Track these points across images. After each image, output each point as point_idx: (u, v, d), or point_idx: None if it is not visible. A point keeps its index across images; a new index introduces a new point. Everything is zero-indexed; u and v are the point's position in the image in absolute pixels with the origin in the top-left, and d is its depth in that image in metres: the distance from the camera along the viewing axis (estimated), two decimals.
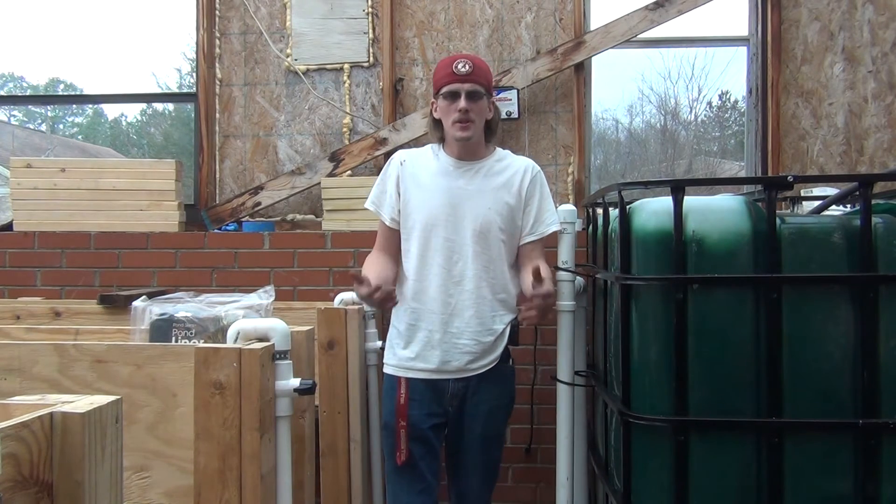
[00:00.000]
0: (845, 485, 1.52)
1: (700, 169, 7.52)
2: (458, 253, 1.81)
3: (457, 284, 1.81)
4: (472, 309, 1.81)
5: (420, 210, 1.84)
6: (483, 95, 1.83)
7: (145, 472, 1.50)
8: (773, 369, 1.52)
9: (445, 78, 1.81)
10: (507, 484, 2.78)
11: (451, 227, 1.82)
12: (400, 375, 1.83)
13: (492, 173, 1.88)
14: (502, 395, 1.89)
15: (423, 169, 1.88)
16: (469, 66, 1.79)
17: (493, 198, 1.84)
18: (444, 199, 1.83)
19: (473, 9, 3.18)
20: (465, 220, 1.82)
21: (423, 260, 1.83)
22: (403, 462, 1.80)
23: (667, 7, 3.01)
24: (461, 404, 1.83)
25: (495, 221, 1.83)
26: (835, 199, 1.87)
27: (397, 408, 1.82)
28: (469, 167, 1.87)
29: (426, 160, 1.90)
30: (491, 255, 1.83)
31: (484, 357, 1.83)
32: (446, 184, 1.85)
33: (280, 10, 3.24)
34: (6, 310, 2.37)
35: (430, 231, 1.82)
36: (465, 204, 1.83)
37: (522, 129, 3.16)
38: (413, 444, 1.81)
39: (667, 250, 1.55)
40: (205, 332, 1.88)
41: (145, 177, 2.99)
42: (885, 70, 3.03)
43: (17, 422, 0.70)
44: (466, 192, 1.84)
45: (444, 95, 1.82)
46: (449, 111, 1.82)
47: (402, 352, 1.84)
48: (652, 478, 1.58)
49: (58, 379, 1.52)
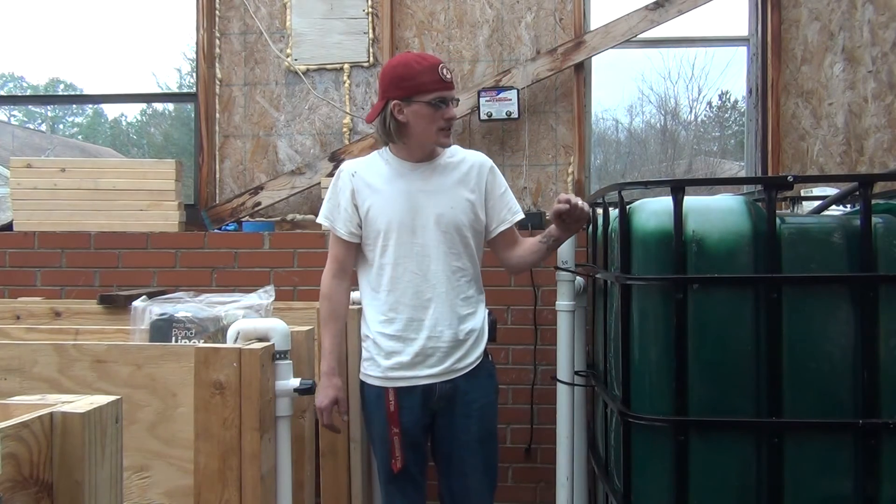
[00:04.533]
0: (845, 485, 1.51)
1: (700, 169, 7.52)
2: (427, 255, 1.79)
3: (432, 287, 1.79)
4: (449, 310, 1.79)
5: (382, 218, 1.81)
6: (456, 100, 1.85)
7: (145, 472, 1.50)
8: (773, 369, 1.52)
9: (433, 84, 1.76)
10: (507, 484, 2.78)
11: (416, 231, 1.79)
12: (387, 386, 1.81)
13: (447, 170, 1.85)
14: (491, 392, 1.88)
15: (376, 176, 1.85)
16: (450, 75, 1.79)
17: (454, 194, 1.82)
18: (404, 203, 1.80)
19: (473, 9, 3.18)
20: (429, 221, 1.79)
21: (393, 268, 1.80)
22: (399, 469, 1.79)
23: (667, 7, 3.01)
24: (450, 405, 1.81)
25: (460, 218, 1.81)
26: (835, 199, 1.87)
27: (388, 416, 1.79)
28: (423, 167, 1.84)
29: (377, 167, 1.87)
30: (460, 253, 1.82)
31: (468, 356, 1.82)
32: (404, 187, 1.82)
33: (280, 10, 3.24)
34: (6, 310, 2.37)
35: (396, 237, 1.79)
36: (427, 204, 1.80)
37: (522, 129, 3.16)
38: (406, 451, 1.80)
39: (667, 250, 1.55)
40: (205, 332, 1.88)
41: (145, 177, 2.99)
42: (885, 70, 3.03)
43: (17, 422, 0.70)
44: (425, 192, 1.81)
45: (431, 102, 1.76)
46: (434, 118, 1.77)
47: (385, 361, 1.80)
48: (652, 478, 1.58)
49: (58, 379, 1.52)
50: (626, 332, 1.62)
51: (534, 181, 3.16)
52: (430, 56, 1.83)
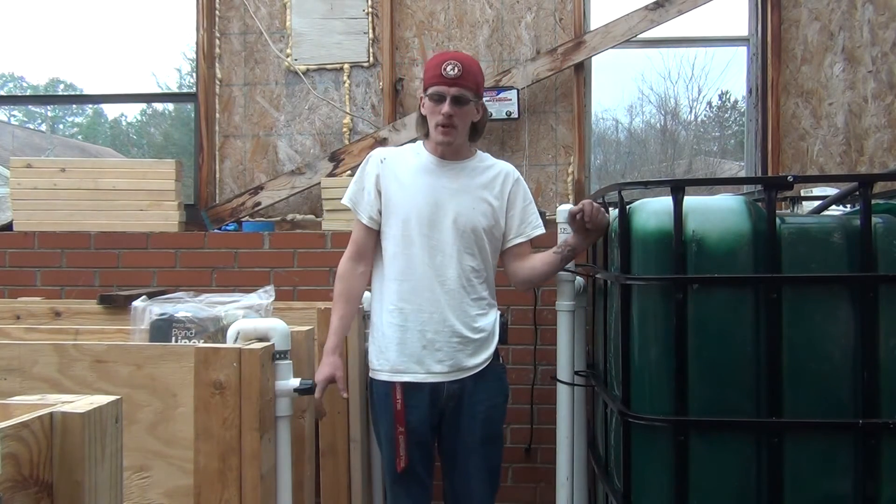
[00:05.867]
0: (845, 485, 1.51)
1: (700, 169, 7.53)
2: (442, 251, 1.80)
3: (442, 284, 1.79)
4: (459, 307, 1.80)
5: (402, 208, 1.82)
6: (470, 100, 1.80)
7: (145, 472, 1.50)
8: (773, 369, 1.52)
9: (433, 79, 1.78)
10: (507, 484, 2.78)
11: (434, 225, 1.80)
12: (395, 381, 1.80)
13: (475, 173, 1.87)
14: (498, 394, 1.88)
15: (404, 167, 1.86)
16: (458, 70, 1.75)
17: (476, 197, 1.83)
18: (426, 196, 1.81)
19: (473, 9, 3.18)
20: (447, 219, 1.80)
21: (408, 259, 1.81)
22: (403, 468, 1.79)
23: (667, 7, 3.01)
24: (458, 405, 1.81)
25: (479, 220, 1.82)
26: (835, 199, 1.87)
27: (395, 414, 1.79)
28: (451, 166, 1.85)
29: (407, 158, 1.88)
30: (474, 253, 1.82)
31: (477, 356, 1.82)
32: (429, 181, 1.83)
33: (280, 10, 3.24)
34: (6, 310, 2.37)
35: (413, 229, 1.80)
36: (449, 202, 1.81)
37: (522, 129, 3.16)
38: (412, 450, 1.79)
39: (667, 250, 1.55)
40: (205, 332, 1.88)
41: (145, 177, 2.99)
42: (885, 70, 3.03)
43: (17, 422, 0.70)
44: (449, 190, 1.82)
45: (430, 96, 1.79)
46: (434, 112, 1.79)
47: (394, 356, 1.81)
48: (652, 478, 1.58)
49: (58, 379, 1.52)
50: (626, 332, 1.62)
51: (534, 181, 3.16)
52: (453, 53, 1.85)
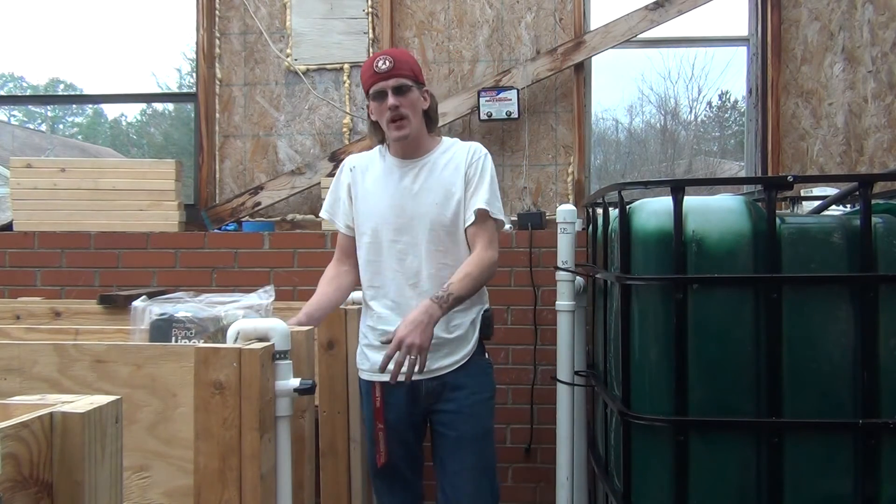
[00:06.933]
0: (845, 485, 1.52)
1: (700, 169, 7.52)
2: (412, 254, 1.80)
3: (413, 286, 1.79)
4: None
5: (368, 215, 1.83)
6: (411, 87, 1.78)
7: (145, 472, 1.50)
8: (773, 369, 1.52)
9: (370, 79, 1.77)
10: (507, 484, 2.78)
11: (401, 230, 1.80)
12: (374, 381, 1.82)
13: (437, 167, 1.84)
14: (482, 389, 1.84)
15: (370, 174, 1.87)
16: (389, 62, 1.75)
17: (441, 193, 1.81)
18: (390, 201, 1.81)
19: (473, 9, 3.18)
20: (413, 220, 1.80)
21: (377, 266, 1.83)
22: (383, 464, 1.80)
23: (667, 7, 3.01)
24: (441, 402, 1.81)
25: (444, 217, 1.79)
26: (835, 199, 1.87)
27: (375, 412, 1.81)
28: (413, 165, 1.84)
29: (373, 163, 1.89)
30: (446, 251, 1.80)
31: (454, 353, 1.80)
32: (392, 185, 1.83)
33: (280, 10, 3.24)
34: (6, 310, 2.37)
35: (380, 235, 1.81)
36: (413, 203, 1.80)
37: (522, 129, 3.16)
38: (392, 446, 1.81)
39: (667, 250, 1.55)
40: (205, 332, 1.88)
41: (145, 177, 2.99)
42: (885, 70, 3.03)
43: (17, 422, 0.70)
44: (412, 191, 1.81)
45: (372, 97, 1.79)
46: (381, 111, 1.78)
47: (374, 356, 1.82)
48: (652, 478, 1.58)
49: (58, 379, 1.52)
50: (626, 332, 1.62)
51: (534, 181, 3.16)
52: (384, 50, 1.86)
